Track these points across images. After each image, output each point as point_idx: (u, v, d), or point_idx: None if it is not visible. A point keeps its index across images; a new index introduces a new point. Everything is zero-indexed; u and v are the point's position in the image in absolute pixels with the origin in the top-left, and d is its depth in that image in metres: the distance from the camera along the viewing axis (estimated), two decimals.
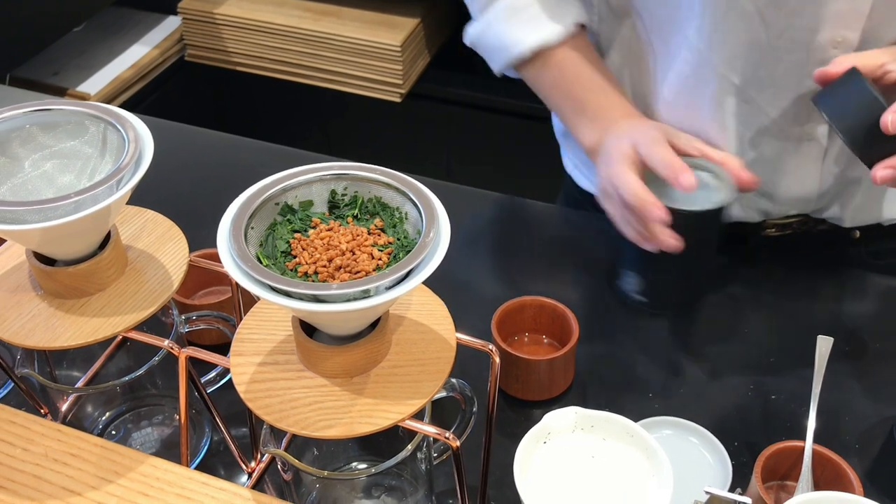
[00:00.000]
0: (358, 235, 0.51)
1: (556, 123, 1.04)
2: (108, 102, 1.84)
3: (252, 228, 0.50)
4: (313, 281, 0.49)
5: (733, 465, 0.68)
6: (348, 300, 0.46)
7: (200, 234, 0.72)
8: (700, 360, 0.80)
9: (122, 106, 1.92)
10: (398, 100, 1.88)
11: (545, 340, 0.78)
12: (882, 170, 0.67)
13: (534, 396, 0.75)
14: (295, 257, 0.50)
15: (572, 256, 0.93)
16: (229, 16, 1.93)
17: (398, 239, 0.51)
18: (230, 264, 0.47)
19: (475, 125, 1.93)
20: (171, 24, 2.01)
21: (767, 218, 0.89)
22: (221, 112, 2.14)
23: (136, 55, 1.93)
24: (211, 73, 2.02)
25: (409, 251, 0.50)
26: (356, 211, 0.53)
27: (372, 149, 2.07)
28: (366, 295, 0.47)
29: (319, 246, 0.50)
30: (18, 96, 1.32)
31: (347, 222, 0.53)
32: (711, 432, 0.70)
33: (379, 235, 0.52)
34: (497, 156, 1.97)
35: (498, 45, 0.86)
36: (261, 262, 0.48)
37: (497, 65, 0.88)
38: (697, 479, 0.68)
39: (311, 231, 0.52)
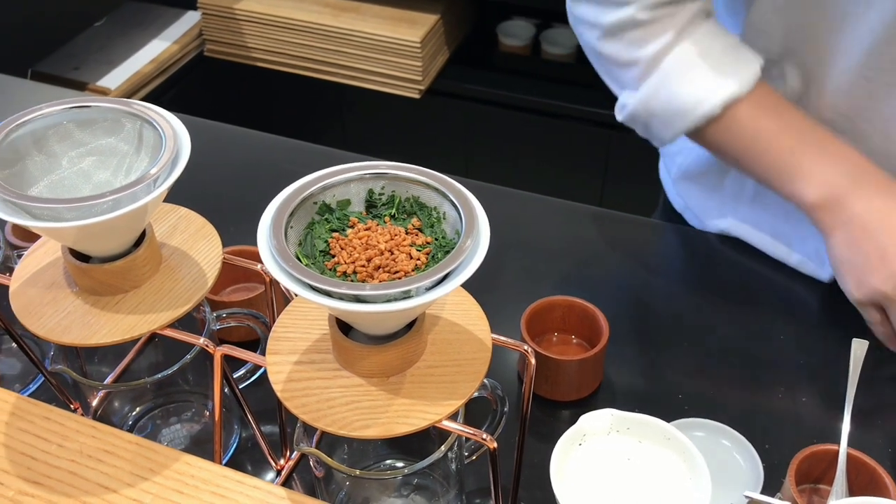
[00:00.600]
0: (396, 235, 0.51)
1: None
2: (128, 97, 1.85)
3: (291, 227, 0.50)
4: (352, 281, 0.49)
5: (764, 468, 0.68)
6: (389, 300, 0.46)
7: (227, 230, 0.71)
8: (730, 362, 0.80)
9: (142, 101, 1.92)
10: (417, 96, 1.88)
11: (574, 340, 0.78)
12: None
13: (563, 397, 0.75)
14: (333, 256, 0.50)
15: (597, 255, 0.92)
16: (249, 11, 1.93)
17: (436, 239, 0.51)
18: (271, 263, 0.47)
19: (494, 122, 1.93)
20: (191, 18, 2.02)
21: None
22: (240, 107, 2.15)
23: (155, 50, 1.93)
24: (230, 69, 2.02)
25: (448, 251, 0.50)
26: (393, 210, 0.53)
27: (391, 145, 2.07)
28: (406, 295, 0.46)
29: (358, 245, 0.50)
30: (40, 90, 1.33)
31: (385, 222, 0.53)
32: (742, 434, 0.70)
33: (417, 235, 0.51)
34: (516, 153, 1.96)
35: (674, 110, 0.76)
36: (300, 262, 0.48)
37: (671, 132, 0.78)
38: (729, 481, 0.67)
39: (349, 230, 0.52)
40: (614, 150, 1.86)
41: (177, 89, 1.96)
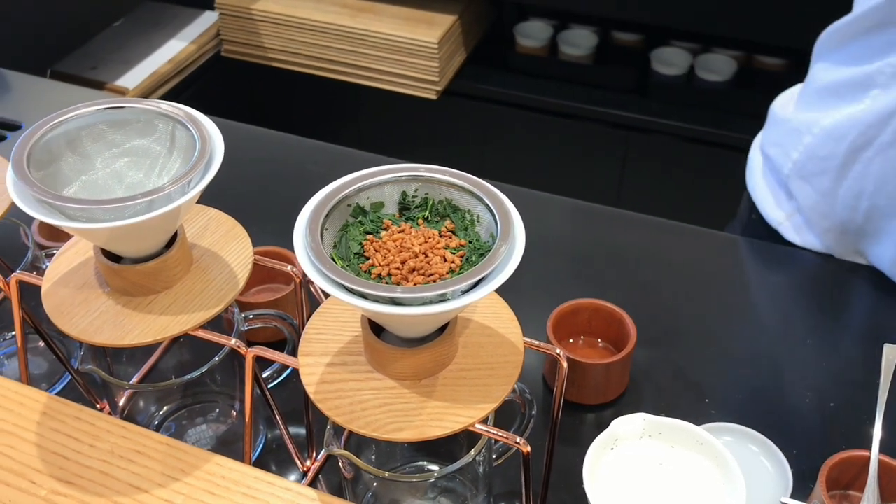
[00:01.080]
0: (430, 238, 0.51)
1: (763, 144, 0.94)
2: (146, 97, 1.85)
3: (326, 229, 0.50)
4: (387, 283, 0.49)
5: (793, 473, 0.67)
6: (424, 303, 0.46)
7: (249, 230, 0.71)
8: (757, 365, 0.79)
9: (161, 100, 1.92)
10: (434, 97, 1.88)
11: (600, 344, 0.78)
12: None
13: (589, 400, 0.75)
14: (368, 259, 0.50)
15: (619, 258, 0.92)
16: (266, 11, 1.93)
17: (470, 242, 0.51)
18: (308, 265, 0.47)
19: (511, 123, 1.92)
20: (208, 19, 2.02)
21: None
22: (256, 107, 2.15)
23: (173, 50, 1.94)
24: (246, 69, 2.02)
25: (483, 254, 0.49)
26: (426, 213, 0.53)
27: (407, 146, 2.07)
28: (442, 298, 0.46)
29: (392, 248, 0.50)
30: (59, 90, 1.33)
31: (418, 224, 0.52)
32: (769, 439, 0.69)
33: (450, 238, 0.51)
34: (532, 154, 1.96)
35: None
36: (335, 264, 0.48)
37: None
38: (758, 487, 0.67)
39: (382, 233, 0.52)
40: (631, 151, 1.85)
41: (194, 89, 1.96)
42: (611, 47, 1.95)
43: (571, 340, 0.78)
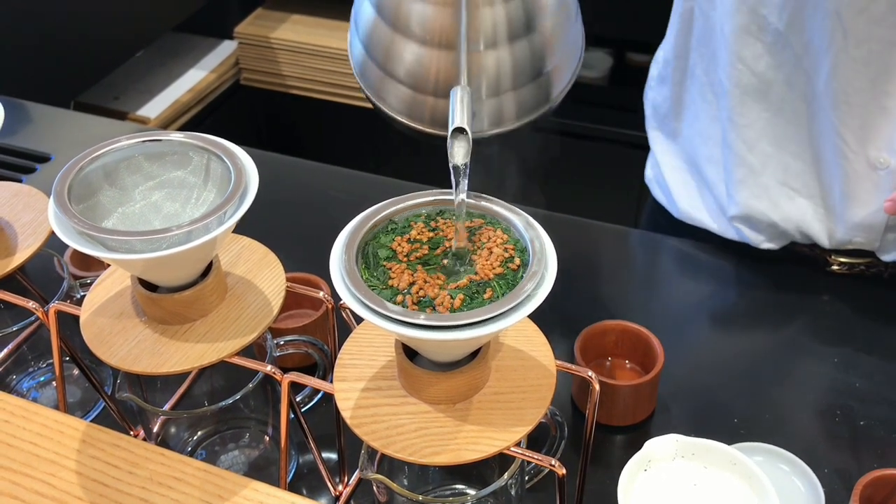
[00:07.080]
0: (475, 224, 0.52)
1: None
2: (167, 126, 1.88)
3: (361, 256, 0.51)
4: (423, 294, 0.49)
5: (825, 493, 0.67)
6: (462, 328, 0.47)
7: (278, 257, 0.72)
8: (784, 384, 0.79)
9: (180, 129, 1.94)
10: None
11: (627, 365, 0.78)
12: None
13: (618, 421, 0.75)
14: (401, 262, 0.50)
15: (643, 278, 0.93)
16: (284, 40, 1.96)
17: (515, 243, 0.51)
18: (344, 291, 0.48)
19: (527, 146, 1.93)
20: (228, 48, 2.05)
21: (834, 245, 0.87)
22: (276, 134, 2.17)
23: (193, 79, 1.97)
24: (266, 97, 2.05)
25: (526, 263, 0.50)
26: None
27: (427, 171, 2.08)
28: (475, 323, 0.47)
29: (427, 249, 0.51)
30: (83, 120, 1.35)
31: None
32: (800, 458, 0.69)
33: (494, 231, 0.52)
34: (548, 176, 1.96)
35: None
36: (361, 276, 0.48)
37: None
38: None
39: (413, 231, 0.52)
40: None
41: (214, 117, 1.99)
42: (626, 68, 1.96)
43: (599, 362, 0.78)
